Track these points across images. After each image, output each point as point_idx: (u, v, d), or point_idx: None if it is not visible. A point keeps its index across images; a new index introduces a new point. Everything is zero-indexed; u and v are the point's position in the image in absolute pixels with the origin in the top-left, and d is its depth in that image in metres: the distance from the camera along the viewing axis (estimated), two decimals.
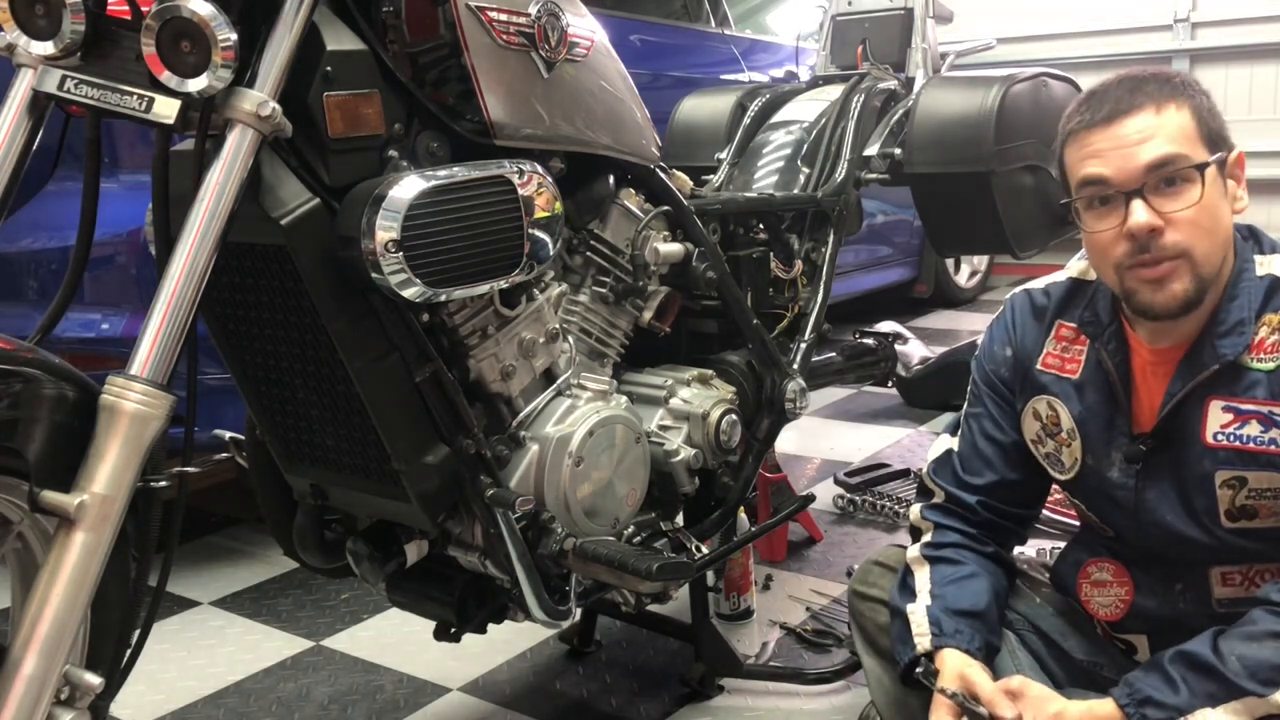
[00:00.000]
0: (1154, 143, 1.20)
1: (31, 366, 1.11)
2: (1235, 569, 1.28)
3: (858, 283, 4.59)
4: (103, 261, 2.28)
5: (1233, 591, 1.29)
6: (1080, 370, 1.35)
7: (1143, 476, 1.30)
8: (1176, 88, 1.23)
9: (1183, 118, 1.22)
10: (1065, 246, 2.56)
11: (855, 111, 2.26)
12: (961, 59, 2.82)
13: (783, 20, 4.49)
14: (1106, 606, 1.38)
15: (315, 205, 1.24)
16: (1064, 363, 1.37)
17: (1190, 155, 1.21)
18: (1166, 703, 1.15)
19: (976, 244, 2.91)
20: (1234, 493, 1.24)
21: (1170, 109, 1.22)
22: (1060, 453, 1.38)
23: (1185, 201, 1.20)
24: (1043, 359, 1.39)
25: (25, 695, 1.05)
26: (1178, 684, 1.16)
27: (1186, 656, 1.17)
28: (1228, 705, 1.13)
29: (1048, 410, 1.38)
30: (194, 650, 2.20)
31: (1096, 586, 1.39)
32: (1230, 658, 1.14)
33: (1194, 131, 1.22)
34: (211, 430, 1.63)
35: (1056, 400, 1.37)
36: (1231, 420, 1.23)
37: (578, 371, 1.57)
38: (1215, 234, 1.22)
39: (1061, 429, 1.37)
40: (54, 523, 1.09)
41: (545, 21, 1.45)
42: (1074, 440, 1.36)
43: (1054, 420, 1.38)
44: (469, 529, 1.47)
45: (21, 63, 1.19)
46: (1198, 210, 1.20)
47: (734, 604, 2.16)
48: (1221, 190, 1.23)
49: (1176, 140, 1.21)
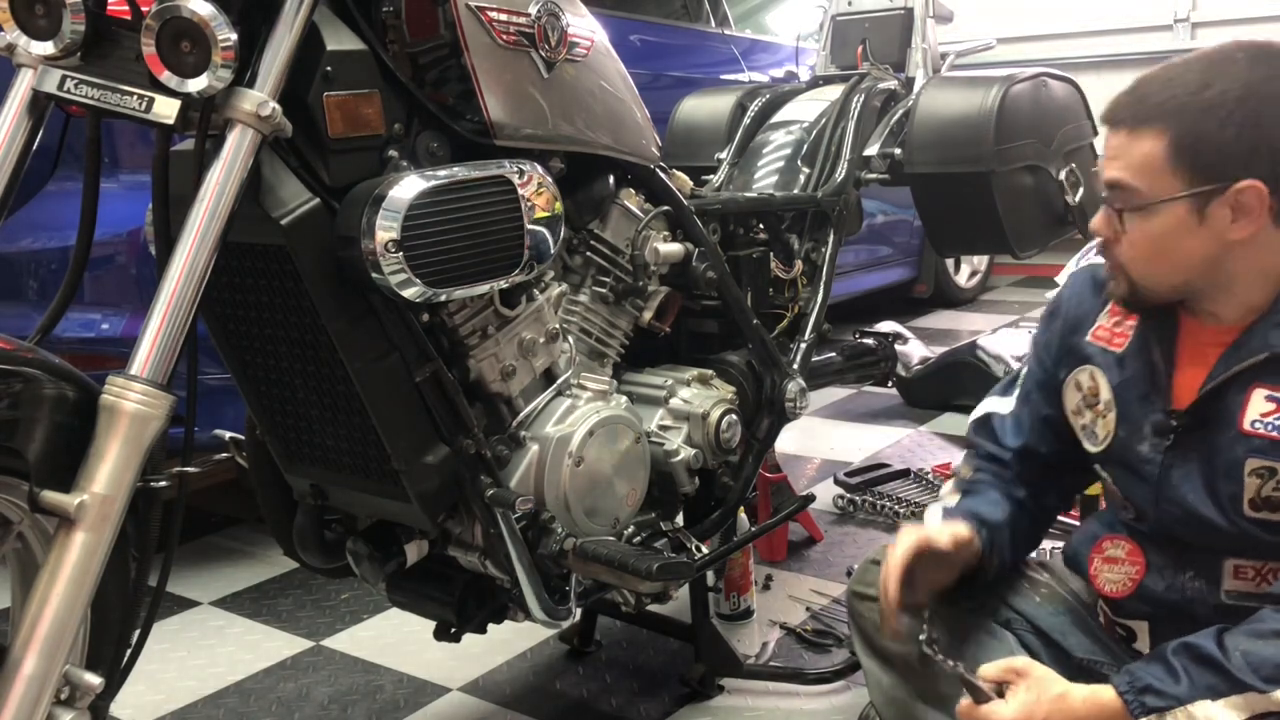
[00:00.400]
0: (1114, 165, 1.21)
1: (31, 366, 1.11)
2: (1249, 563, 1.28)
3: (858, 283, 4.59)
4: (103, 261, 2.28)
5: (1243, 585, 1.28)
6: (1126, 344, 1.36)
7: (1171, 453, 1.30)
8: (1172, 111, 1.18)
9: (1153, 146, 1.18)
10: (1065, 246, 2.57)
11: (855, 111, 2.26)
12: (961, 59, 2.82)
13: (783, 20, 4.49)
14: (1114, 583, 1.37)
15: (315, 205, 1.24)
16: (1113, 336, 1.38)
17: (1142, 189, 1.19)
18: (1167, 691, 1.15)
19: (976, 244, 2.91)
20: (1261, 482, 1.23)
21: (1145, 135, 1.19)
22: (1095, 424, 1.39)
23: (1132, 227, 1.22)
24: (1094, 331, 1.40)
25: (25, 695, 1.05)
26: (1179, 674, 1.16)
27: (1190, 648, 1.17)
28: (1228, 699, 1.13)
29: (1089, 381, 1.39)
30: (194, 650, 2.20)
31: (1108, 562, 1.39)
32: (1235, 653, 1.14)
33: (1163, 163, 1.18)
34: (211, 430, 1.62)
35: (1099, 371, 1.38)
36: (1273, 410, 1.22)
37: (578, 371, 1.57)
38: (1158, 263, 1.23)
39: (1100, 400, 1.38)
40: (54, 523, 1.09)
41: (545, 21, 1.45)
42: (1110, 412, 1.36)
43: (1094, 391, 1.39)
44: (469, 529, 1.47)
45: (21, 63, 1.19)
46: (1140, 240, 1.22)
47: (734, 604, 2.16)
48: (1192, 223, 1.19)
49: (1134, 170, 1.20)
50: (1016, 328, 4.46)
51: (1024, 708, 1.19)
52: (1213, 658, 1.15)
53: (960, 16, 2.85)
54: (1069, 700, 1.19)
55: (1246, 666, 1.13)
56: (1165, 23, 5.75)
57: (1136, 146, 1.20)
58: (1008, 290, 5.79)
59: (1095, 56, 5.78)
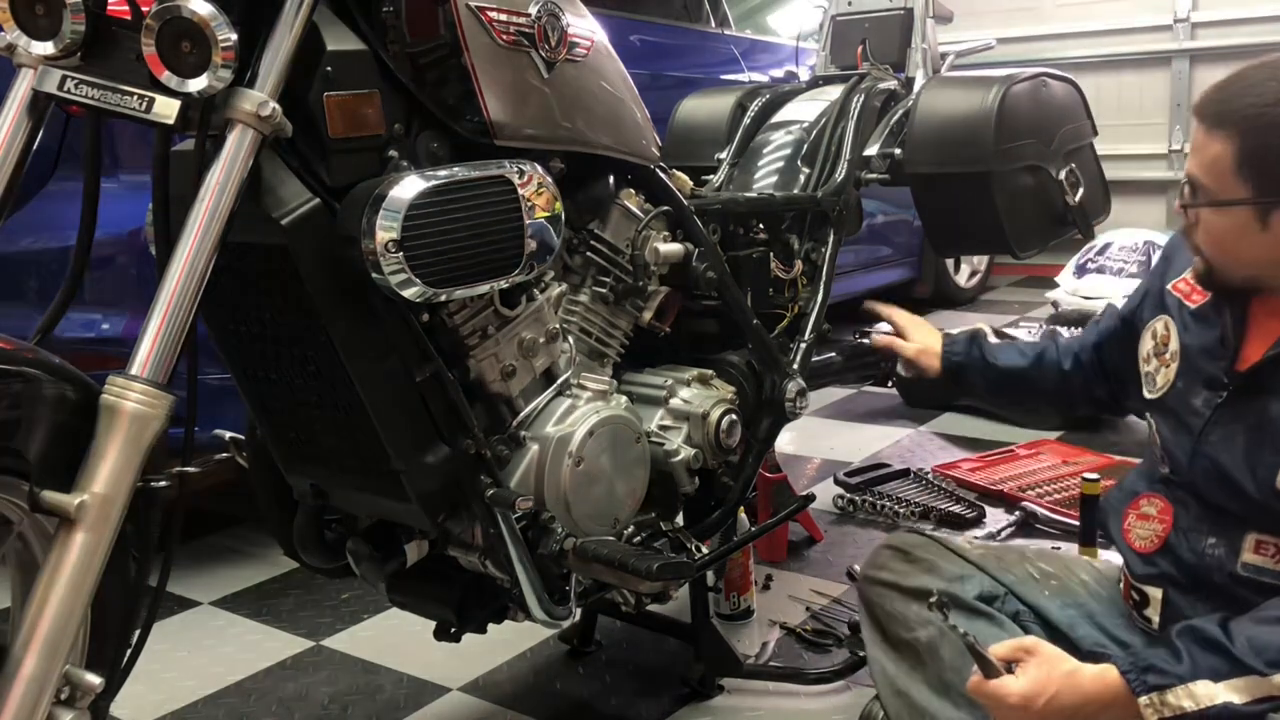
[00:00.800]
0: (1192, 158, 1.26)
1: (31, 366, 1.10)
2: (1271, 539, 1.29)
3: (858, 283, 4.58)
4: (103, 261, 2.27)
5: (1261, 560, 1.29)
6: (1203, 302, 1.40)
7: (1220, 411, 1.33)
8: (1243, 119, 1.21)
9: (1223, 149, 1.22)
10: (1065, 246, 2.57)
11: (855, 111, 2.26)
12: (961, 59, 2.82)
13: (783, 20, 4.49)
14: (1144, 539, 1.41)
15: (316, 205, 1.24)
16: (1193, 290, 1.42)
17: (1211, 188, 1.24)
18: (1169, 670, 1.16)
19: (976, 244, 2.91)
20: None
21: (1218, 136, 1.23)
22: (1158, 372, 1.44)
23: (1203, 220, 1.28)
24: (1176, 283, 1.46)
25: (25, 695, 1.05)
26: (1182, 655, 1.17)
27: (1194, 631, 1.19)
28: (1230, 681, 1.14)
29: (1163, 330, 1.45)
30: (194, 650, 2.20)
31: (1141, 519, 1.42)
32: (1239, 637, 1.16)
33: (1229, 166, 1.22)
34: (211, 430, 1.62)
35: (1173, 322, 1.43)
36: None
37: (578, 371, 1.57)
38: (1227, 255, 1.28)
39: (1168, 350, 1.43)
40: (54, 523, 1.09)
41: (545, 21, 1.45)
42: (1175, 363, 1.41)
43: (1165, 340, 1.44)
44: (469, 529, 1.47)
45: (21, 63, 1.19)
46: (1210, 232, 1.28)
47: (734, 604, 2.16)
48: (1256, 227, 1.23)
49: (1204, 168, 1.25)
50: (1017, 328, 4.46)
51: (1034, 683, 1.19)
52: (1216, 640, 1.16)
53: (960, 16, 2.85)
54: (1078, 677, 1.20)
55: (1250, 650, 1.14)
56: (1165, 23, 5.75)
57: (1210, 146, 1.24)
58: (1008, 290, 5.79)
59: (1095, 56, 5.79)
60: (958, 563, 1.51)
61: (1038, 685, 1.19)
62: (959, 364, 1.80)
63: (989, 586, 1.48)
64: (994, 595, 1.47)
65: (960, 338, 1.80)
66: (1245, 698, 1.13)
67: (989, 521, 2.68)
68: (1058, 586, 1.50)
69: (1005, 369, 1.76)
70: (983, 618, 1.43)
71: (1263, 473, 1.26)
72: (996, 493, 2.81)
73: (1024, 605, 1.46)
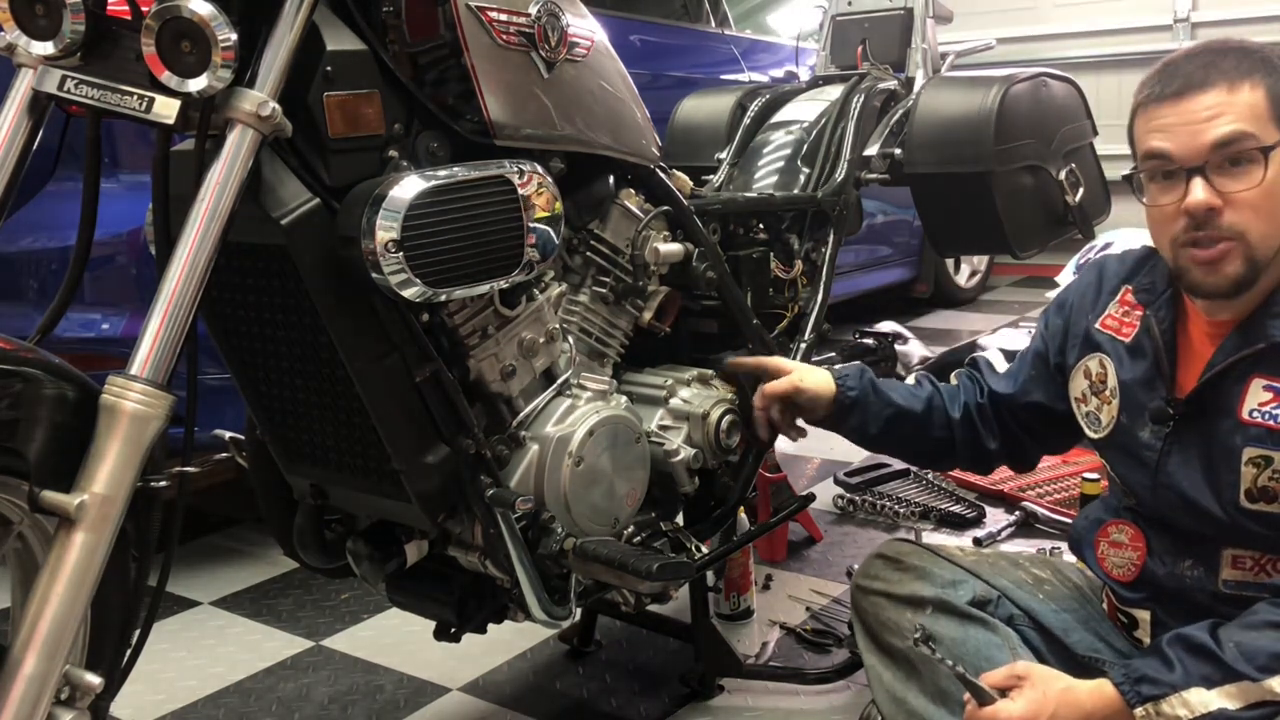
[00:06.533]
0: (1222, 120, 1.20)
1: (31, 366, 1.10)
2: (1247, 553, 1.29)
3: (858, 283, 4.59)
4: (103, 261, 2.28)
5: (1241, 575, 1.29)
6: (1133, 334, 1.38)
7: (1170, 441, 1.31)
8: (1255, 64, 1.21)
9: (1256, 96, 1.20)
10: (1065, 246, 2.57)
11: (855, 111, 2.26)
12: (961, 59, 2.82)
13: (783, 20, 4.49)
14: (1120, 567, 1.40)
15: (315, 205, 1.24)
16: (1121, 325, 1.41)
17: (1258, 135, 1.20)
18: (1161, 679, 1.16)
19: (976, 244, 2.91)
20: (1258, 472, 1.24)
21: (1244, 87, 1.20)
22: (1100, 411, 1.42)
23: (1247, 183, 1.20)
24: (1103, 320, 1.43)
25: (25, 695, 1.05)
26: (1174, 664, 1.17)
27: (1184, 639, 1.19)
28: (1222, 688, 1.14)
29: (1098, 368, 1.42)
30: (194, 650, 2.20)
31: (1114, 547, 1.41)
32: (1228, 644, 1.16)
33: (1266, 111, 1.20)
34: (211, 430, 1.62)
35: (1108, 359, 1.41)
36: (1270, 400, 1.23)
37: (578, 371, 1.57)
38: (1275, 218, 1.22)
39: (1106, 387, 1.41)
40: (54, 523, 1.09)
41: (545, 21, 1.45)
42: (1114, 399, 1.39)
43: (1101, 378, 1.42)
44: (469, 529, 1.47)
45: (21, 63, 1.19)
46: (1259, 193, 1.20)
47: (734, 604, 2.16)
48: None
49: (1245, 119, 1.20)
50: (1016, 328, 4.46)
51: (1032, 704, 1.19)
52: (1206, 647, 1.16)
53: (960, 16, 2.86)
54: (1074, 694, 1.20)
55: (1240, 656, 1.14)
56: (1165, 23, 5.75)
57: (1242, 98, 1.20)
58: (1008, 290, 5.79)
59: (1095, 56, 5.78)
60: (950, 568, 1.50)
61: (1036, 706, 1.19)
62: (854, 399, 1.61)
63: (982, 591, 1.47)
64: (987, 600, 1.47)
65: (851, 371, 1.64)
66: (1239, 704, 1.13)
67: (989, 521, 2.68)
68: (1051, 591, 1.49)
69: (900, 407, 1.61)
70: (977, 623, 1.42)
71: (1227, 492, 1.26)
72: (996, 493, 2.81)
73: (1018, 609, 1.45)
